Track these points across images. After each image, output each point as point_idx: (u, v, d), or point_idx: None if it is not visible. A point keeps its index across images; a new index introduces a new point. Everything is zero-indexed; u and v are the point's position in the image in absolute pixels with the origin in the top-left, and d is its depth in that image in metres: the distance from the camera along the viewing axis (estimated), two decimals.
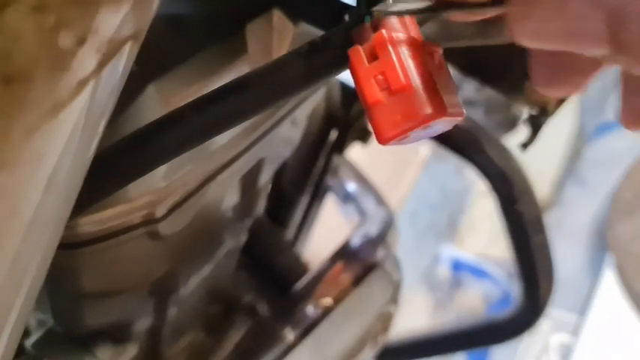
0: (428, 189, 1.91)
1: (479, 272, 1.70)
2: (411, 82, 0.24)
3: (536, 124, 0.52)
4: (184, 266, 0.55)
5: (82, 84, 0.19)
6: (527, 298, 0.75)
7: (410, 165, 1.82)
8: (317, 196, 0.80)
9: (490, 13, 0.23)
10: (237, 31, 0.41)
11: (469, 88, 1.42)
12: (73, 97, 0.19)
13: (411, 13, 0.25)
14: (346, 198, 0.88)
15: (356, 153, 0.87)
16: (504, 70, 0.52)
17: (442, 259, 1.76)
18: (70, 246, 0.38)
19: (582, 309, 1.31)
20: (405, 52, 0.25)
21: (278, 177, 0.81)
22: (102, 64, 0.19)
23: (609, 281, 1.29)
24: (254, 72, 0.29)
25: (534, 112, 0.52)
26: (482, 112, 1.44)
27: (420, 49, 0.25)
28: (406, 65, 0.24)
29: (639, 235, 1.25)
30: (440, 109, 0.25)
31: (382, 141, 0.25)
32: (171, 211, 0.41)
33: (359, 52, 0.25)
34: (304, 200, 0.80)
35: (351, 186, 0.88)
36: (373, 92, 0.25)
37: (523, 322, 0.78)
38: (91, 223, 0.38)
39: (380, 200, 0.87)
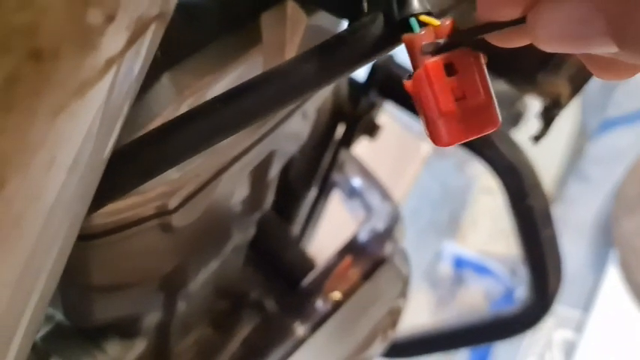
0: (429, 185, 1.90)
1: (481, 269, 1.70)
2: (487, 96, 0.26)
3: (548, 117, 0.52)
4: (194, 260, 0.55)
5: (110, 63, 0.18)
6: (535, 292, 0.74)
7: (411, 161, 1.81)
8: (324, 191, 0.80)
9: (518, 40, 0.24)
10: (251, 21, 0.40)
11: None
12: (100, 77, 0.18)
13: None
14: (352, 193, 0.88)
15: (357, 150, 0.87)
16: (517, 62, 0.51)
17: (444, 256, 1.75)
18: (81, 238, 0.38)
19: (586, 305, 1.31)
20: (477, 62, 0.26)
21: (285, 171, 0.80)
22: (129, 44, 0.18)
23: (613, 277, 1.29)
24: (285, 64, 0.29)
25: (547, 105, 0.51)
26: None
27: (479, 59, 0.26)
28: (482, 78, 0.26)
29: None
30: (498, 120, 0.27)
31: (441, 145, 0.27)
32: (184, 202, 0.41)
33: (438, 67, 0.26)
34: (311, 195, 0.80)
35: (357, 181, 0.88)
36: (448, 102, 0.26)
37: (531, 316, 0.77)
38: (104, 214, 0.37)
39: (385, 195, 0.87)
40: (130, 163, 0.27)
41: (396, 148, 1.75)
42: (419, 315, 1.67)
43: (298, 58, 0.29)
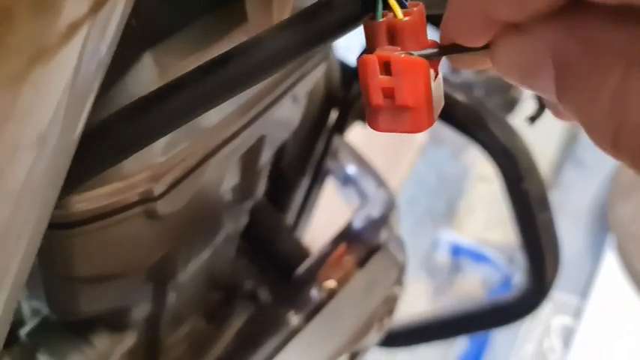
0: (425, 174, 1.89)
1: (478, 257, 1.69)
2: (415, 104, 0.26)
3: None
4: (183, 250, 0.53)
5: (73, 28, 0.17)
6: (533, 278, 0.73)
7: (406, 150, 1.80)
8: (317, 178, 0.78)
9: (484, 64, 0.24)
10: None
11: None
12: (63, 43, 0.17)
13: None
14: (346, 181, 0.86)
15: (352, 139, 0.86)
16: None
17: (441, 245, 1.75)
18: (62, 226, 0.36)
19: (584, 291, 1.30)
20: (415, 71, 0.25)
21: (278, 159, 0.79)
22: (96, 7, 0.17)
23: (610, 263, 1.28)
24: (261, 34, 0.28)
25: None
26: (482, 93, 1.42)
27: (426, 64, 0.25)
28: (415, 87, 0.25)
29: (639, 216, 1.24)
30: (430, 122, 0.26)
31: (372, 128, 0.27)
32: (170, 188, 0.39)
33: (374, 63, 0.26)
34: (304, 183, 0.78)
35: (351, 168, 0.87)
36: (378, 98, 0.26)
37: (529, 302, 0.76)
38: (85, 201, 0.36)
39: (380, 182, 0.85)
40: (104, 139, 0.26)
41: (391, 137, 1.74)
42: (416, 303, 1.67)
43: (276, 27, 0.28)
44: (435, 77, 0.26)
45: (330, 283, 0.59)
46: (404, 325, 0.86)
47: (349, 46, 0.73)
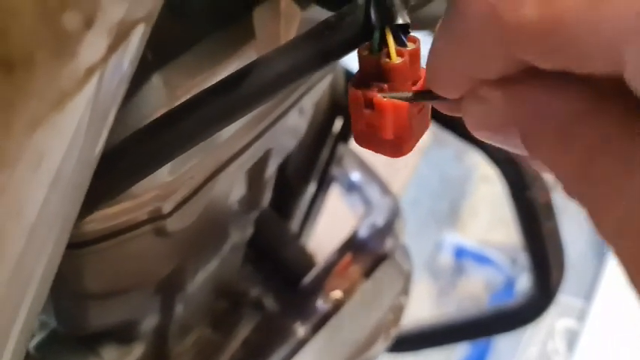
0: (428, 176, 1.89)
1: (482, 259, 1.69)
2: (394, 138, 0.27)
3: None
4: (191, 262, 0.54)
5: (90, 71, 0.17)
6: (537, 285, 0.73)
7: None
8: (322, 186, 0.79)
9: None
10: (243, 16, 0.39)
11: None
12: (81, 86, 0.17)
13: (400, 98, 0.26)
14: (350, 188, 0.87)
15: (352, 144, 0.86)
16: None
17: (444, 247, 1.75)
18: (73, 246, 0.37)
19: (588, 294, 1.30)
20: (395, 111, 0.26)
21: (283, 167, 0.79)
22: (111, 49, 0.17)
23: (614, 265, 1.28)
24: (272, 53, 0.28)
25: None
26: None
27: (405, 106, 0.26)
28: (394, 124, 0.26)
29: None
30: (409, 149, 0.28)
31: (357, 144, 0.29)
32: (179, 206, 0.39)
33: (360, 98, 0.27)
34: (309, 191, 0.78)
35: (356, 175, 0.87)
36: (361, 126, 0.27)
37: (534, 309, 0.77)
38: (96, 221, 0.36)
39: (385, 189, 0.85)
40: (118, 163, 0.26)
41: None
42: (420, 306, 1.67)
43: (285, 47, 0.28)
44: (420, 110, 0.27)
45: (337, 294, 0.59)
46: (408, 331, 0.87)
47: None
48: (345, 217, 0.85)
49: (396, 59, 0.26)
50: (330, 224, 0.93)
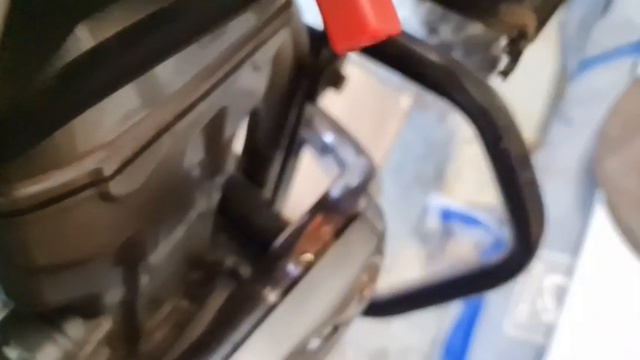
0: (411, 139, 1.87)
1: (469, 220, 1.68)
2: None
3: (515, 50, 0.48)
4: (151, 230, 0.52)
5: None
6: (518, 238, 0.72)
7: (391, 116, 1.78)
8: (292, 149, 0.77)
9: None
10: None
11: (446, 29, 1.37)
12: None
13: None
14: (324, 150, 0.85)
15: (334, 109, 0.83)
16: None
17: (431, 210, 1.73)
18: (8, 214, 0.34)
19: (575, 249, 1.29)
20: None
21: (251, 132, 0.77)
22: None
23: (600, 219, 1.27)
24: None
25: (512, 37, 0.48)
26: (462, 53, 1.40)
27: None
28: None
29: (628, 170, 1.22)
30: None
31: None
32: (123, 167, 0.37)
33: None
34: (279, 155, 0.76)
35: (329, 137, 0.85)
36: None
37: (516, 264, 0.75)
38: (29, 186, 0.34)
39: (360, 150, 0.83)
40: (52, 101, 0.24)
41: (375, 104, 1.71)
42: (410, 270, 1.66)
43: None
44: None
45: (307, 257, 0.57)
46: (392, 294, 0.85)
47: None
48: (320, 180, 0.83)
49: None
50: (306, 187, 0.91)
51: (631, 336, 1.15)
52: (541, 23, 0.49)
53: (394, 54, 0.65)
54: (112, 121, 0.36)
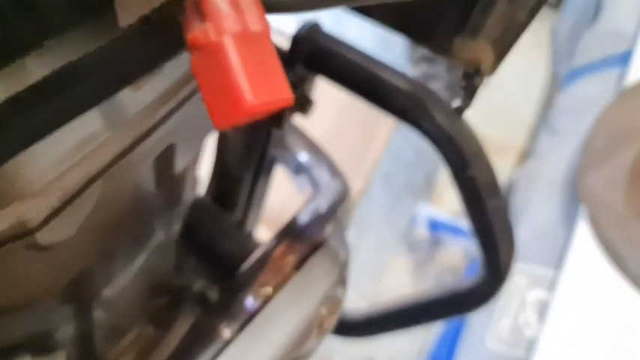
0: (402, 148, 1.86)
1: (456, 230, 1.67)
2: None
3: (470, 86, 0.47)
4: (100, 267, 0.51)
5: None
6: (487, 266, 0.71)
7: (381, 125, 1.77)
8: (262, 170, 0.75)
9: None
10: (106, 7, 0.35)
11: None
12: None
13: None
14: (298, 169, 0.84)
15: (324, 117, 0.82)
16: (430, 26, 0.46)
17: (419, 219, 1.72)
18: None
19: (558, 263, 1.28)
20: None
21: (220, 155, 0.76)
22: None
23: (584, 233, 1.26)
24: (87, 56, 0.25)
25: (467, 72, 0.47)
26: (445, 67, 1.39)
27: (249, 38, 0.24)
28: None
29: (610, 184, 1.21)
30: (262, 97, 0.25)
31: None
32: (51, 217, 0.36)
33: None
34: (249, 175, 0.75)
35: (303, 156, 0.84)
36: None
37: (487, 289, 0.74)
38: None
39: (334, 170, 0.82)
40: None
41: (364, 112, 1.70)
42: (399, 279, 1.65)
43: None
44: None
45: (266, 290, 0.56)
46: (365, 315, 0.84)
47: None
48: (295, 200, 0.82)
49: None
50: (281, 208, 0.90)
51: (613, 351, 1.14)
52: (499, 57, 0.48)
53: (359, 80, 0.64)
54: (37, 170, 0.35)
